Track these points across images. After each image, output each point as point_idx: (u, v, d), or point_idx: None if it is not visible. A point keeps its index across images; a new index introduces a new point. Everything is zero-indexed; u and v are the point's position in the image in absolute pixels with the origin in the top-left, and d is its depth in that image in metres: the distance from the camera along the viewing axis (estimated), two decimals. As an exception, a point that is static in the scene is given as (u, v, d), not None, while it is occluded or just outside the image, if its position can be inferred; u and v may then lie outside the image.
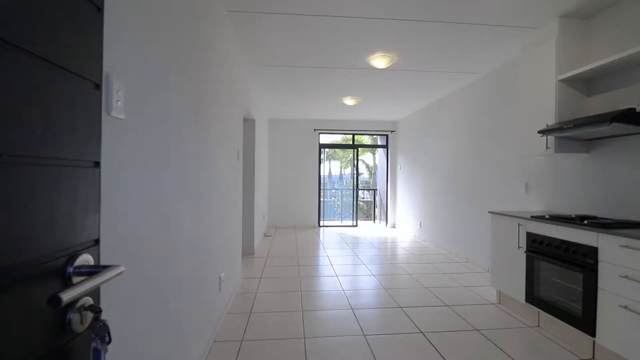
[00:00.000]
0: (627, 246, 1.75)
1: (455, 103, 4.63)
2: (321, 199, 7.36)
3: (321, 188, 7.36)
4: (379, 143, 7.88)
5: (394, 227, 7.16)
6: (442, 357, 1.96)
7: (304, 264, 4.07)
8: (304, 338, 2.17)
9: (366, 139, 10.78)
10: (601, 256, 1.90)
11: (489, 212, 2.94)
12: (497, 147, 3.67)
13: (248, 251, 4.43)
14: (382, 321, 2.47)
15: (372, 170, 12.97)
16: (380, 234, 6.36)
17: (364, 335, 2.21)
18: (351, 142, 7.76)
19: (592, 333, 1.93)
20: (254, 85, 4.40)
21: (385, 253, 4.77)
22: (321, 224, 7.26)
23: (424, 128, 5.74)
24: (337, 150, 14.10)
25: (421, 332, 2.27)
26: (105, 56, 0.91)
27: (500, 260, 2.78)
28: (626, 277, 1.74)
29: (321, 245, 5.27)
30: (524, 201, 3.21)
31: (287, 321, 2.43)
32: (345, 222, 7.74)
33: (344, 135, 8.07)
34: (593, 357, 1.96)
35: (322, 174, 7.48)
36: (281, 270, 3.77)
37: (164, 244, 1.34)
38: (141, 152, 1.15)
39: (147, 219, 1.19)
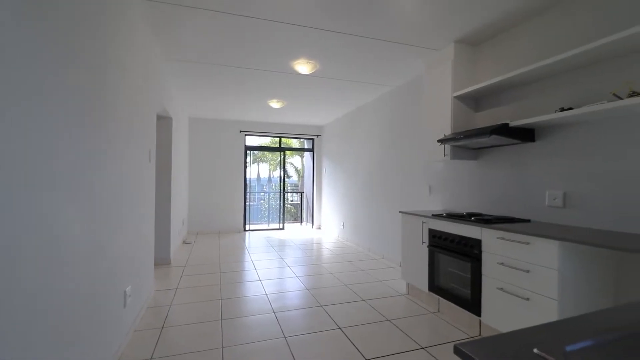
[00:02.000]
0: (502, 238, 2.10)
1: (373, 111, 4.99)
2: (247, 203, 7.18)
3: (248, 191, 7.18)
4: (306, 147, 8.04)
5: (319, 228, 7.36)
6: (357, 349, 2.08)
7: (226, 270, 3.90)
8: (222, 348, 2.08)
9: (295, 142, 10.88)
10: (484, 247, 2.24)
11: (400, 211, 3.23)
12: (407, 153, 4.06)
13: (163, 261, 4.07)
14: (304, 321, 2.51)
15: (300, 173, 13.16)
16: (306, 236, 6.48)
17: (285, 337, 2.22)
18: (278, 145, 7.75)
19: (478, 313, 2.27)
20: (171, 80, 4.08)
21: (310, 254, 4.87)
22: (247, 228, 7.07)
23: (346, 133, 6.04)
24: (266, 152, 13.93)
25: (339, 328, 2.37)
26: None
27: (409, 254, 3.08)
28: (502, 264, 2.09)
29: (246, 250, 5.13)
30: (428, 202, 3.62)
31: (205, 332, 2.30)
32: (272, 226, 7.68)
33: (272, 138, 8.02)
34: (480, 334, 2.29)
35: (248, 176, 7.31)
36: (200, 279, 3.56)
37: (38, 259, 1.15)
38: (10, 151, 0.97)
39: (13, 229, 1.01)
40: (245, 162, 7.00)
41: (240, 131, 6.86)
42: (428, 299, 2.84)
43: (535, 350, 0.56)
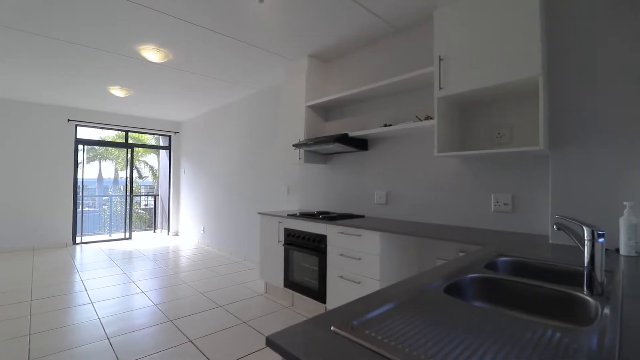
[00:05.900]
0: (342, 232, 2.41)
1: (237, 112, 4.91)
2: (80, 209, 5.85)
3: (81, 194, 5.86)
4: (162, 144, 7.19)
5: (177, 234, 6.71)
6: (208, 359, 1.99)
7: (40, 296, 3.06)
8: (24, 397, 1.62)
9: (149, 139, 9.56)
10: (329, 241, 2.53)
11: (258, 212, 3.29)
12: (268, 155, 4.18)
13: None
14: (147, 342, 2.22)
15: (157, 174, 11.69)
16: (160, 244, 5.78)
17: (120, 365, 1.92)
18: (125, 140, 6.63)
19: (324, 301, 2.53)
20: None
21: (163, 265, 4.37)
22: (78, 240, 5.75)
23: (208, 132, 5.73)
24: (111, 149, 11.70)
25: (190, 341, 2.21)
26: None
27: (267, 254, 3.17)
28: (342, 254, 2.40)
29: (75, 268, 4.16)
30: (287, 202, 3.83)
31: (-4, 383, 1.74)
32: (116, 235, 6.51)
33: (119, 132, 6.78)
34: (325, 319, 2.56)
35: (83, 176, 5.97)
36: (-4, 312, 2.68)
37: None
38: None
39: None
40: (77, 159, 5.69)
41: (69, 120, 5.53)
42: (284, 295, 2.99)
43: (332, 328, 0.66)
